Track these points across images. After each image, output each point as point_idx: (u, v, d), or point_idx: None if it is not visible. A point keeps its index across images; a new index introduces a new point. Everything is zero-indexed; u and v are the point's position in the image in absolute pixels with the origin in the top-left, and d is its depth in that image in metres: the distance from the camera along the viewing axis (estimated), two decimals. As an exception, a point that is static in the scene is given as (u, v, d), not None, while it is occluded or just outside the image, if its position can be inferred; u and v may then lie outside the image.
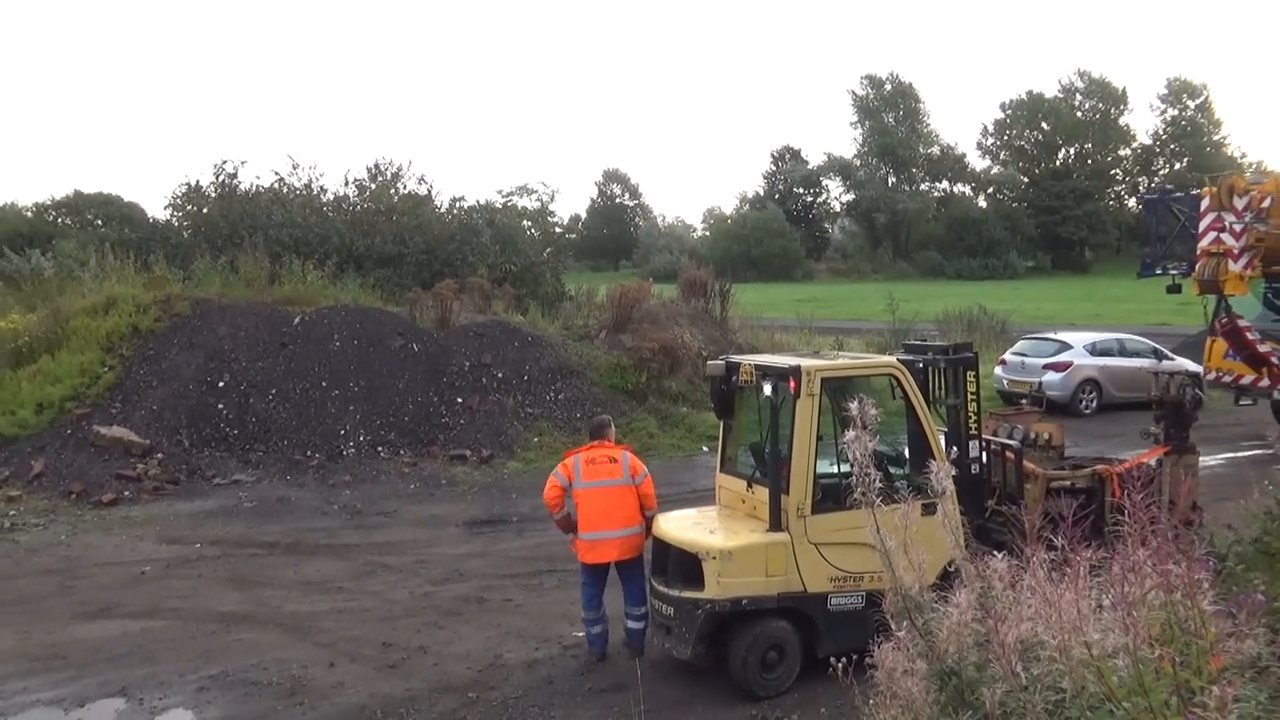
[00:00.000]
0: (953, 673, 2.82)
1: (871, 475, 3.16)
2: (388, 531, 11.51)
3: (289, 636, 8.18)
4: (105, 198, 39.44)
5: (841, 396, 7.45)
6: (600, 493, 7.31)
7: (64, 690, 7.15)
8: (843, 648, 5.69)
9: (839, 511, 6.85)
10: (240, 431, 14.38)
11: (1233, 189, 12.67)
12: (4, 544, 10.87)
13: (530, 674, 7.34)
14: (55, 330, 15.58)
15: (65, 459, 13.20)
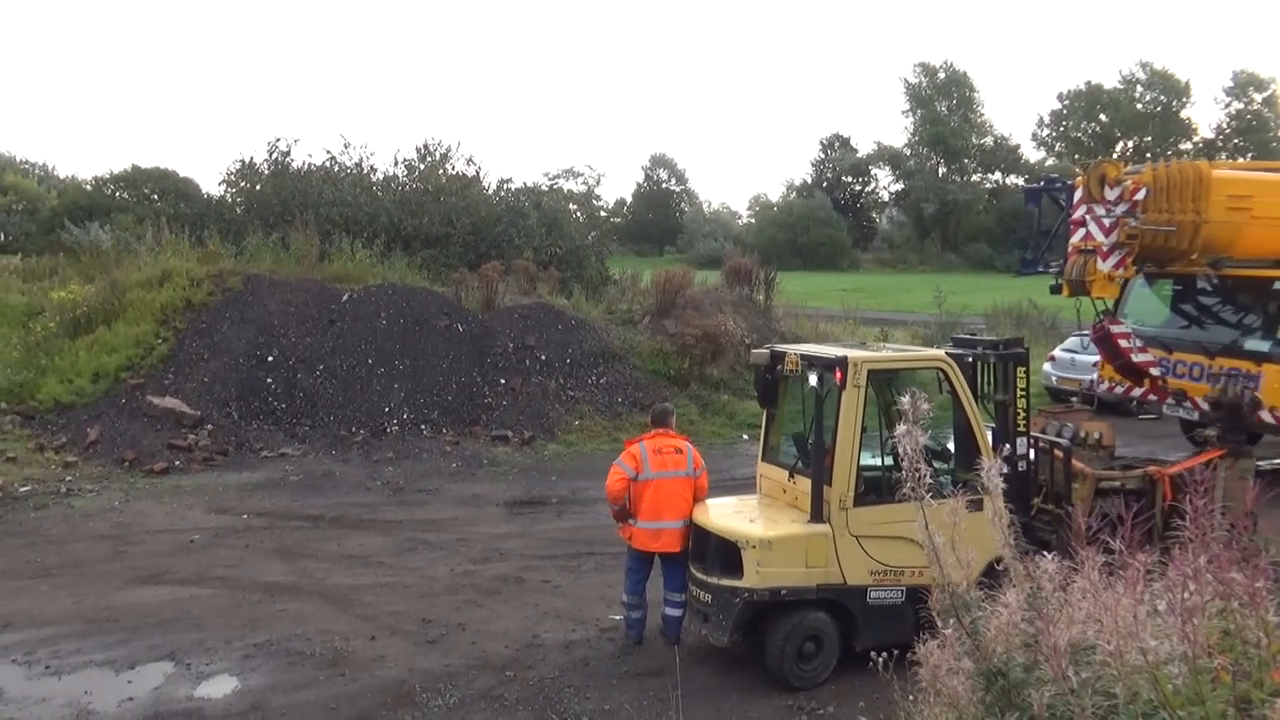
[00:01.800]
0: (1000, 673, 2.77)
1: (921, 470, 3.11)
2: (429, 509, 11.64)
3: (331, 608, 8.32)
4: (162, 173, 40.20)
5: (887, 389, 7.39)
6: (668, 483, 7.30)
7: (115, 652, 7.36)
8: (881, 642, 5.66)
9: (882, 504, 6.80)
10: (288, 406, 14.63)
11: (1104, 178, 11.36)
12: (60, 508, 11.19)
13: (567, 655, 7.40)
14: (112, 302, 15.96)
15: (119, 427, 13.53)
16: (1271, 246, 11.78)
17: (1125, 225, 10.99)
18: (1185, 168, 11.46)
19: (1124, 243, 11.10)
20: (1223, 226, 11.41)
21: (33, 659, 7.21)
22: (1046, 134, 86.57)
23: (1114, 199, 11.09)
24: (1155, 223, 11.28)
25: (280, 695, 6.70)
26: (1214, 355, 12.04)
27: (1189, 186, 11.37)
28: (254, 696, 6.69)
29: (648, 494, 7.30)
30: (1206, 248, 11.68)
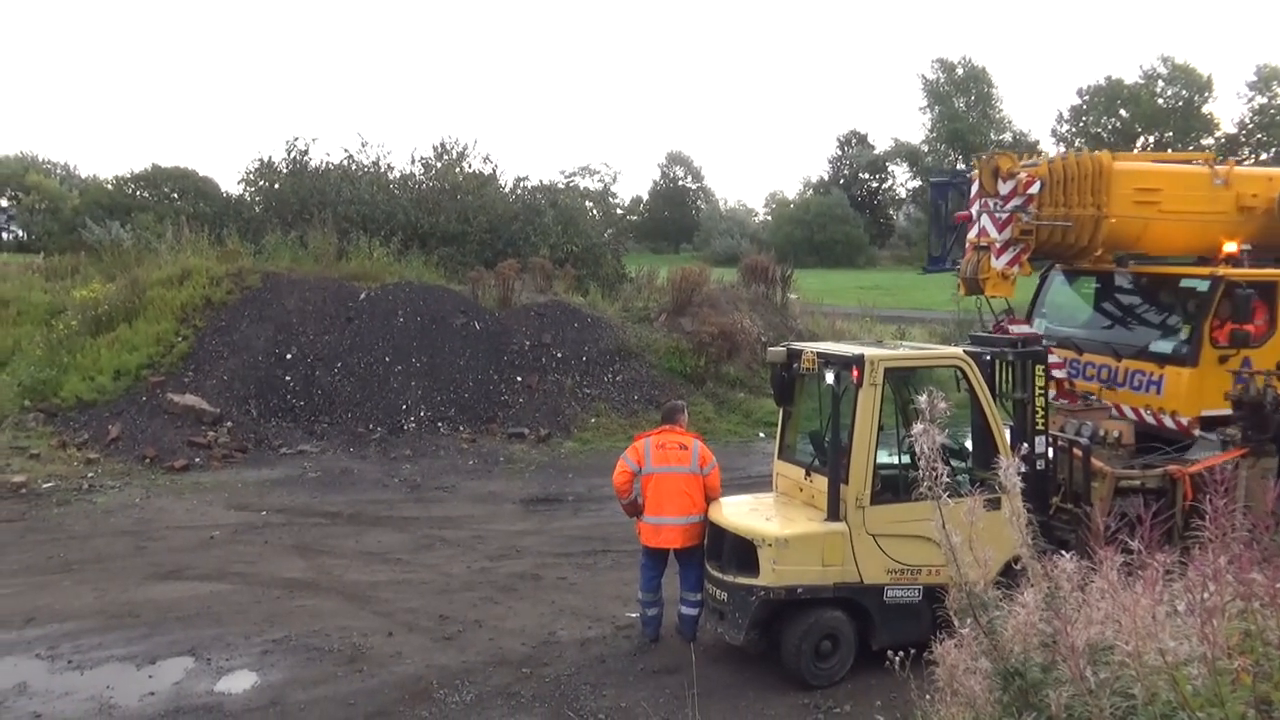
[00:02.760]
0: (1017, 673, 2.76)
1: (939, 469, 3.10)
2: (446, 506, 11.69)
3: (350, 605, 8.37)
4: (181, 172, 40.55)
5: (904, 387, 7.37)
6: (669, 478, 7.32)
7: (137, 647, 7.44)
8: (898, 640, 5.63)
9: (898, 503, 6.79)
10: (306, 403, 14.72)
11: (997, 170, 10.79)
12: (83, 505, 11.32)
13: (583, 652, 7.42)
14: (133, 300, 16.11)
15: (140, 424, 13.66)
16: (1183, 242, 11.15)
17: (1019, 220, 10.53)
18: (1084, 160, 10.95)
19: (1018, 239, 10.65)
20: (1128, 221, 10.87)
21: (56, 653, 7.30)
22: (1066, 129, 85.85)
23: (1008, 193, 10.62)
24: (1051, 217, 10.77)
25: (299, 690, 6.75)
26: (1121, 357, 11.20)
27: (1088, 179, 10.86)
28: (273, 692, 6.74)
29: (650, 489, 7.34)
30: (1111, 243, 11.14)
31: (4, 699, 6.53)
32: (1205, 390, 10.23)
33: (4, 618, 7.87)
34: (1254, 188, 11.34)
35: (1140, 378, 10.97)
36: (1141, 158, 11.91)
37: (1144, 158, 11.92)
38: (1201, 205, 11.13)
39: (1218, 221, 11.19)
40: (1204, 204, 11.15)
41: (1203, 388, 10.28)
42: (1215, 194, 11.19)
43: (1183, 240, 11.11)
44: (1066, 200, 10.88)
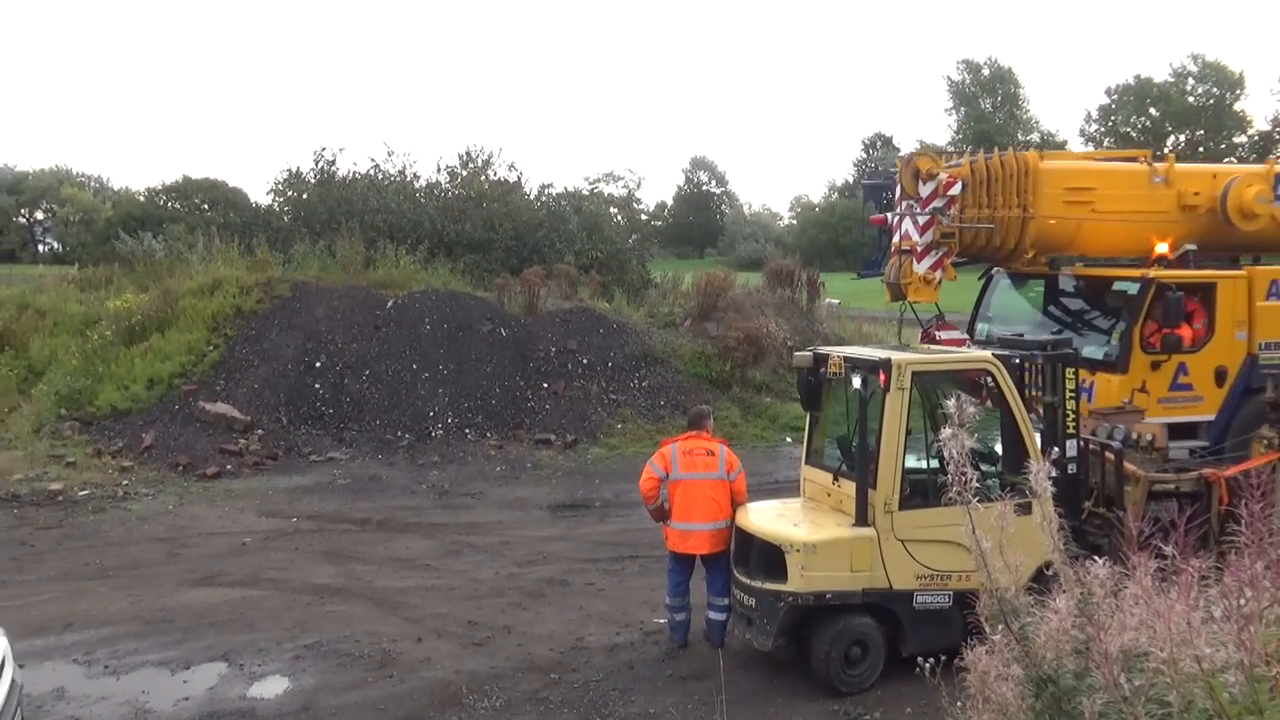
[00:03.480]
0: (1050, 680, 2.74)
1: (968, 474, 3.08)
2: (474, 512, 11.76)
3: (379, 610, 8.44)
4: (211, 183, 41.11)
5: (933, 391, 7.31)
6: (695, 485, 7.31)
7: (171, 652, 7.53)
8: (928, 647, 5.60)
9: (928, 508, 6.73)
10: (335, 410, 14.86)
11: (917, 172, 10.47)
12: (118, 512, 11.49)
13: (611, 658, 7.42)
14: (165, 310, 16.35)
15: (173, 432, 13.85)
16: (1122, 243, 10.70)
17: (940, 223, 10.26)
18: (1009, 159, 10.62)
19: (940, 242, 10.36)
20: (1059, 222, 10.54)
21: (92, 658, 7.41)
22: (1095, 129, 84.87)
23: (928, 195, 10.32)
24: (973, 220, 10.48)
25: (330, 696, 6.81)
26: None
27: (1013, 180, 10.55)
28: (305, 697, 6.81)
29: (677, 495, 7.33)
30: (1042, 245, 10.79)
31: (43, 703, 6.63)
32: (1137, 396, 9.83)
33: (43, 623, 8.00)
34: (1196, 185, 10.90)
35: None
36: (1075, 156, 11.46)
37: (1077, 156, 11.44)
38: (1140, 204, 10.74)
39: (1159, 221, 10.77)
40: (1142, 203, 10.75)
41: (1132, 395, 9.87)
42: (1154, 193, 10.79)
43: (1122, 241, 10.68)
44: (990, 201, 10.59)
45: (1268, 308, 10.54)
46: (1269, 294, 10.59)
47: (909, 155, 10.63)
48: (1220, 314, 10.30)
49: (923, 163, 10.47)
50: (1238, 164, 11.99)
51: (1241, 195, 10.72)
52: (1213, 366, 10.26)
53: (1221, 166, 12.10)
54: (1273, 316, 10.49)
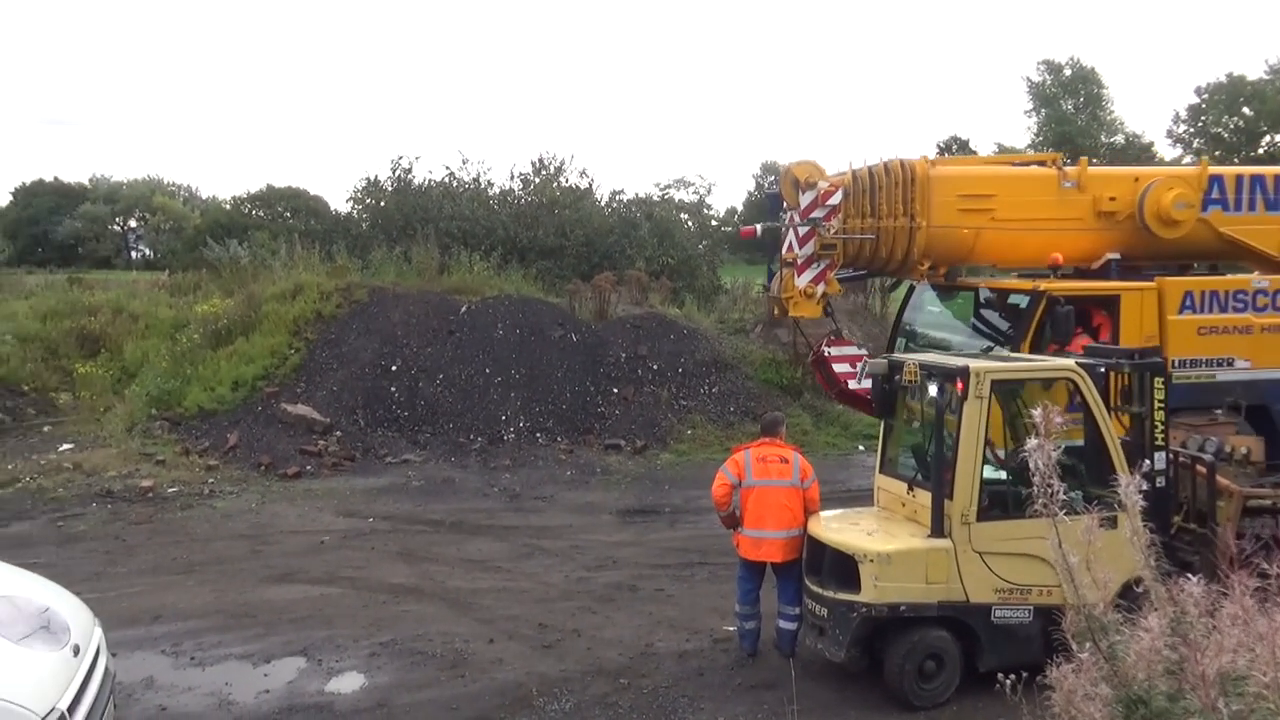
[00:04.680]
0: (1141, 701, 2.64)
1: (1055, 486, 2.99)
2: (544, 516, 11.85)
3: (452, 611, 8.56)
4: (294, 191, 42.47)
5: (1012, 400, 7.13)
6: (770, 492, 7.24)
7: (253, 646, 7.76)
8: (1006, 663, 5.45)
9: (1007, 520, 6.58)
10: (410, 413, 15.15)
11: (796, 181, 9.94)
12: (204, 509, 11.90)
13: (680, 664, 7.40)
14: (249, 314, 16.90)
15: (256, 433, 14.29)
16: (1032, 253, 9.96)
17: (820, 234, 9.77)
18: (895, 166, 10.04)
19: (821, 254, 9.86)
20: (953, 231, 9.95)
21: (179, 650, 7.68)
22: (1184, 130, 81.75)
23: (808, 205, 9.86)
24: (858, 230, 10.01)
25: (404, 694, 6.93)
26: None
27: (898, 188, 10.02)
28: (380, 694, 6.94)
29: (750, 502, 7.26)
30: (937, 256, 10.23)
31: (132, 691, 6.89)
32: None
33: (134, 615, 8.32)
34: (1114, 190, 10.23)
35: None
36: (973, 161, 10.87)
37: (976, 161, 10.84)
38: (1048, 211, 10.13)
39: (1073, 229, 10.14)
40: (1051, 210, 10.14)
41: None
42: (1065, 198, 10.17)
43: (1031, 251, 10.03)
44: (874, 211, 10.13)
45: (1181, 322, 9.75)
46: (1182, 307, 9.80)
47: (788, 165, 10.17)
48: (1125, 328, 9.60)
49: (800, 171, 10.03)
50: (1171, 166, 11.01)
51: (1159, 200, 10.04)
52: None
53: (1149, 169, 11.09)
54: (1186, 331, 9.69)
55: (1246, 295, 9.90)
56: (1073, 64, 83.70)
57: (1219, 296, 9.84)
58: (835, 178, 10.19)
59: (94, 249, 56.50)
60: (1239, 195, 10.53)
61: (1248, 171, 10.82)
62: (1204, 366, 9.72)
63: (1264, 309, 9.94)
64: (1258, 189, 10.59)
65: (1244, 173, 10.79)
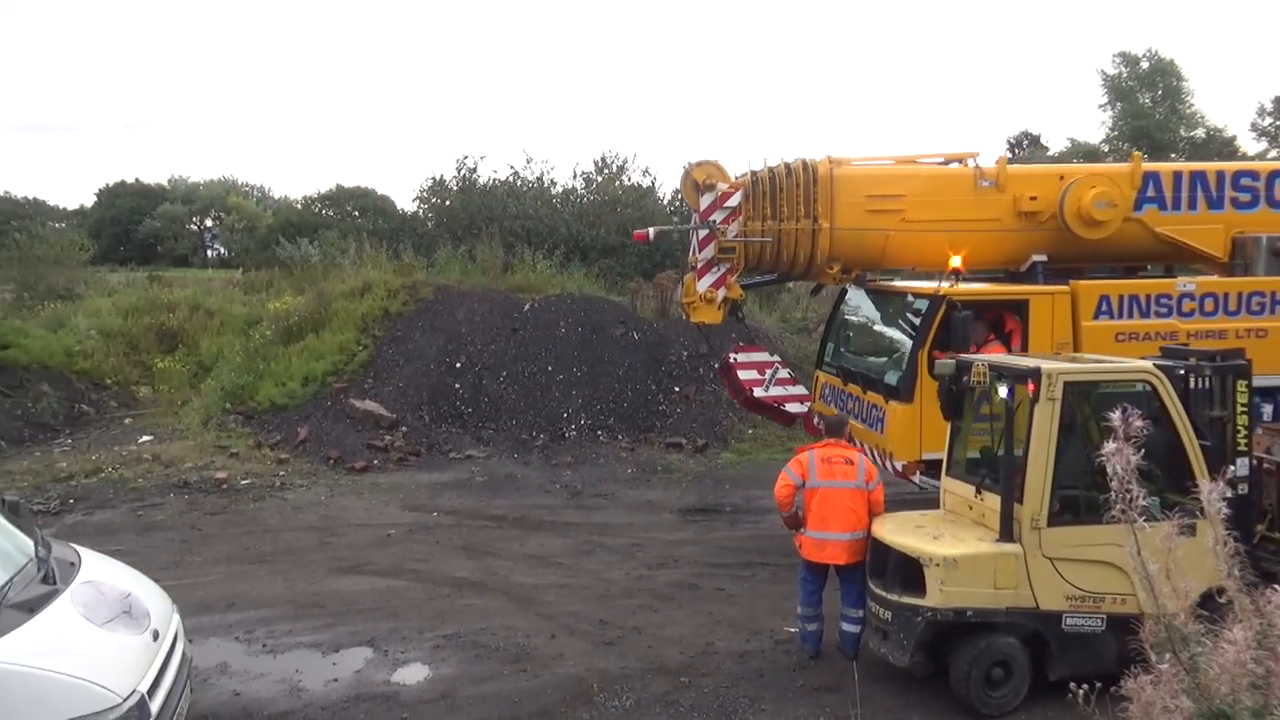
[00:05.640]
0: (1224, 716, 2.55)
1: (1134, 492, 2.90)
2: (605, 513, 11.91)
3: (514, 606, 8.66)
4: (362, 191, 43.28)
5: (1085, 402, 6.94)
6: (834, 493, 7.17)
7: (322, 635, 7.95)
8: (1078, 672, 5.29)
9: (1080, 525, 6.41)
10: (474, 410, 15.35)
11: (696, 184, 9.61)
12: (275, 501, 12.22)
13: (741, 664, 7.37)
14: (319, 311, 17.31)
15: (325, 428, 14.63)
16: (940, 256, 9.40)
17: (720, 237, 9.48)
18: (796, 166, 9.65)
19: (720, 258, 9.57)
20: (863, 234, 9.55)
21: (252, 637, 7.91)
22: (1269, 123, 78.43)
23: (707, 207, 9.55)
24: (759, 233, 9.65)
25: (468, 686, 7.03)
26: (865, 388, 9.83)
27: (800, 189, 9.63)
28: (444, 685, 7.06)
29: (814, 503, 7.18)
30: (846, 259, 9.83)
31: (207, 676, 7.12)
32: (928, 430, 8.78)
33: (209, 602, 8.58)
34: (1035, 189, 9.73)
35: (874, 412, 9.68)
36: (884, 160, 10.27)
37: (887, 160, 10.25)
38: (963, 212, 9.70)
39: (991, 230, 9.72)
40: (967, 210, 9.71)
41: (920, 427, 8.90)
42: (983, 198, 9.75)
43: (936, 253, 9.53)
44: (775, 213, 9.80)
45: (1096, 327, 9.26)
46: (1098, 312, 9.31)
47: (689, 165, 9.84)
48: (1034, 334, 9.15)
49: (700, 173, 9.73)
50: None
51: (1079, 199, 9.56)
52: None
53: (1076, 167, 10.40)
54: (1102, 337, 9.18)
55: (1171, 300, 9.43)
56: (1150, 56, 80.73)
57: (1139, 301, 9.37)
58: (738, 179, 9.94)
59: (172, 248, 58.35)
60: (1177, 193, 10.04)
61: (1187, 168, 10.31)
62: None
63: (1190, 314, 9.44)
64: (1198, 186, 10.08)
65: (1183, 169, 10.28)
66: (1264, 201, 10.11)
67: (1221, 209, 10.06)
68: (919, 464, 8.93)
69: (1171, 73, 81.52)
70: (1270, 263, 9.76)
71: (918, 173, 10.07)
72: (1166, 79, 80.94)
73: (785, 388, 10.35)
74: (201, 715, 6.45)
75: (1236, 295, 9.48)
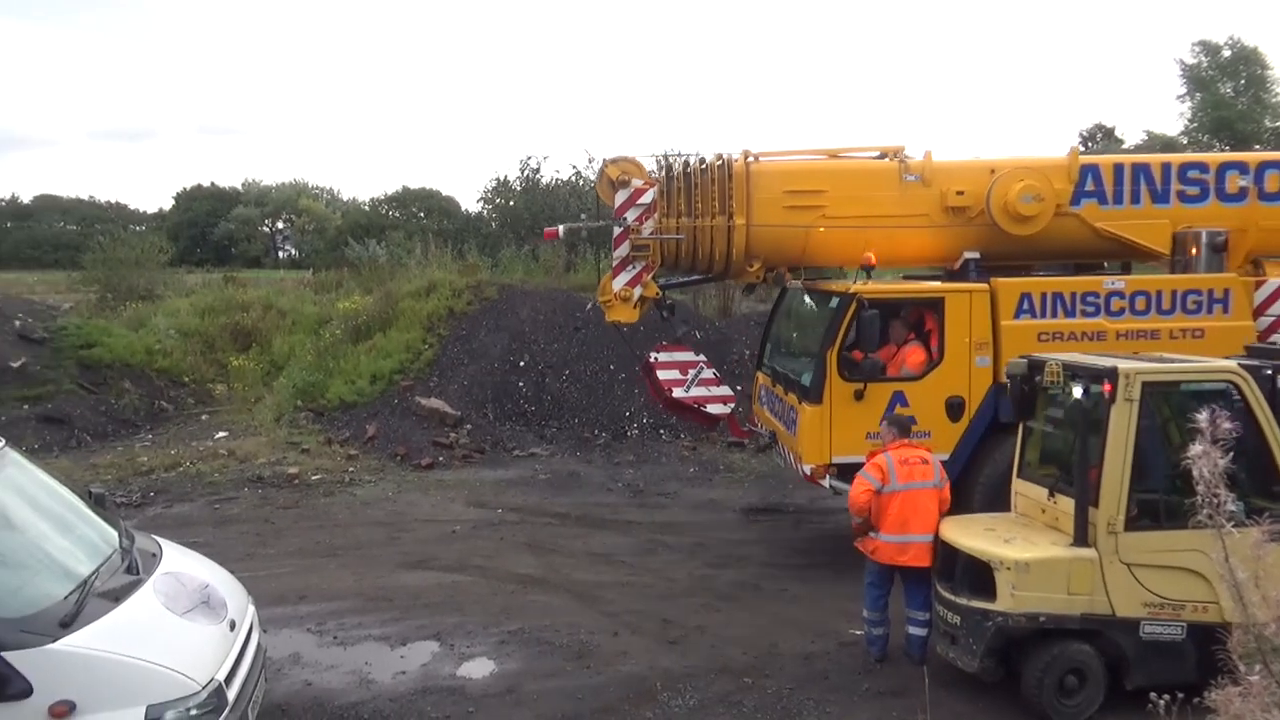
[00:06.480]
0: (1319, 730, 2.44)
1: (1222, 496, 2.80)
2: (668, 512, 11.91)
3: (577, 603, 8.71)
4: (427, 192, 44.04)
5: (1164, 403, 6.71)
6: (915, 495, 7.05)
7: (390, 629, 8.10)
8: (1156, 681, 5.15)
9: (1159, 530, 6.21)
10: (537, 408, 15.49)
11: (611, 181, 9.40)
12: (345, 496, 12.50)
13: (806, 666, 7.30)
14: (387, 311, 17.67)
15: (393, 425, 14.90)
16: (861, 253, 9.07)
17: (634, 235, 9.28)
18: (713, 162, 9.39)
19: (635, 256, 9.38)
20: (782, 231, 9.27)
21: (323, 629, 8.09)
22: (1360, 112, 75.01)
23: (621, 204, 9.34)
24: (669, 230, 9.44)
25: (532, 681, 7.09)
26: (788, 389, 9.55)
27: (715, 185, 9.38)
28: (509, 680, 7.13)
29: (894, 506, 7.05)
30: (766, 256, 9.58)
31: (280, 666, 7.30)
32: (837, 433, 8.64)
33: (282, 594, 8.81)
34: (962, 183, 9.35)
35: (791, 414, 9.43)
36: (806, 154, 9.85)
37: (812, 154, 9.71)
38: (888, 207, 9.38)
39: (920, 226, 9.40)
40: (892, 206, 9.39)
41: (829, 429, 8.70)
42: (908, 194, 9.41)
43: (874, 250, 9.20)
44: (689, 209, 9.60)
45: (1016, 327, 8.85)
46: (1018, 310, 8.88)
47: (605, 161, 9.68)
48: (951, 334, 8.80)
49: (614, 170, 9.53)
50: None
51: (1006, 194, 9.19)
52: (943, 397, 8.76)
53: (1008, 160, 9.92)
54: (1023, 337, 8.75)
55: (1098, 298, 8.99)
56: (1232, 44, 77.58)
57: (1064, 299, 8.95)
58: (653, 177, 9.80)
59: (245, 249, 60.10)
60: (1118, 187, 9.58)
61: (1129, 160, 9.79)
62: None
63: (1120, 313, 8.99)
64: (1141, 180, 9.60)
65: (1124, 161, 9.76)
66: (1214, 195, 9.65)
67: (1167, 203, 9.64)
68: (828, 467, 8.83)
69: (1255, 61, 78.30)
70: (1210, 258, 9.32)
71: (839, 168, 9.85)
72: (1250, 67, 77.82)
73: (708, 388, 10.21)
74: (275, 704, 6.61)
75: (1170, 293, 9.04)
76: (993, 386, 8.77)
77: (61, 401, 15.95)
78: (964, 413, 8.81)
